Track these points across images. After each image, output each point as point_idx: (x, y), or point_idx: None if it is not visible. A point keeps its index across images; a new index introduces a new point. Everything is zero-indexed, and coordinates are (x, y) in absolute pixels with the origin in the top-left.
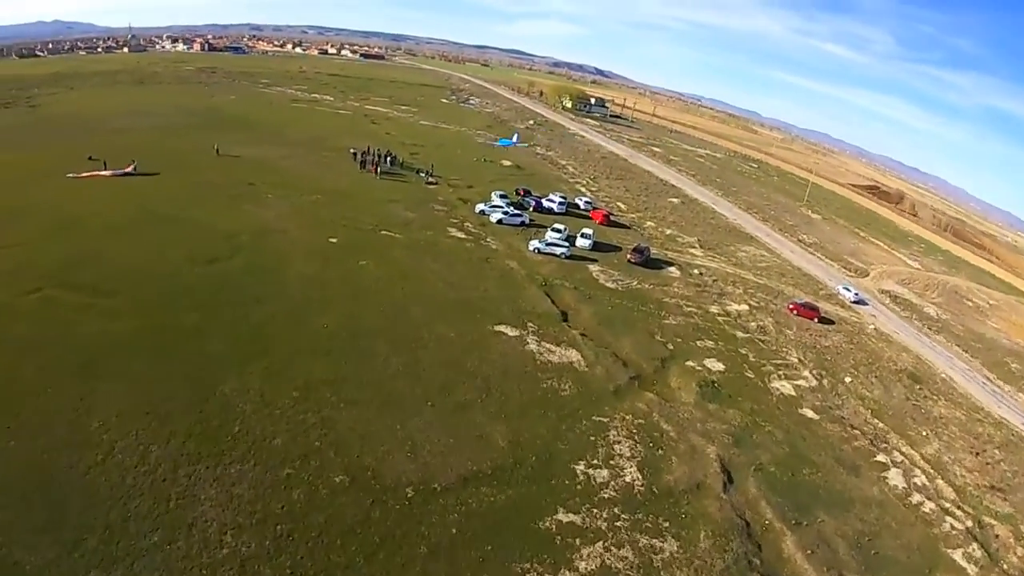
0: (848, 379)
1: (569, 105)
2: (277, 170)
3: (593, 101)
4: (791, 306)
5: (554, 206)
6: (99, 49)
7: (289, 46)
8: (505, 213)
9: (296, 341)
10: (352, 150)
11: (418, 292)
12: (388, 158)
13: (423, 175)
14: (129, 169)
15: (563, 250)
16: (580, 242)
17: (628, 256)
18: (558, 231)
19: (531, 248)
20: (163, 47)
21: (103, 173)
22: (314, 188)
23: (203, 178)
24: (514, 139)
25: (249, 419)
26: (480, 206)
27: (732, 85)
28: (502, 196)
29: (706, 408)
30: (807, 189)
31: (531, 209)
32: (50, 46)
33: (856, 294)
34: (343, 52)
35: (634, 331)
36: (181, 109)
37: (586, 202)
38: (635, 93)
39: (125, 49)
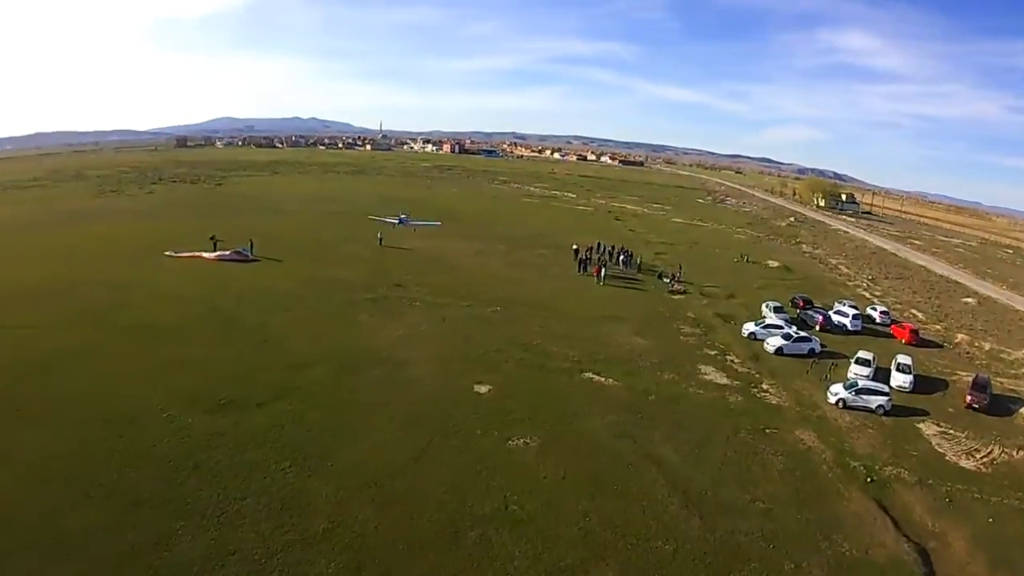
0: None
1: (822, 203)
2: (453, 269)
3: (844, 198)
4: None
5: (847, 322)
6: (339, 145)
7: (548, 152)
8: (787, 337)
9: None
10: (575, 247)
11: (620, 521)
12: (621, 257)
13: (666, 280)
14: (231, 254)
15: (882, 400)
16: (896, 379)
17: (968, 398)
18: (865, 364)
19: (832, 399)
20: (411, 147)
21: (206, 255)
22: (496, 296)
23: (332, 273)
24: (402, 216)
25: None
26: (749, 327)
27: (954, 176)
28: (777, 310)
29: None
30: None
31: (816, 327)
32: (293, 139)
33: None
34: (602, 159)
35: None
36: (378, 198)
37: (882, 312)
38: (870, 193)
39: (368, 147)
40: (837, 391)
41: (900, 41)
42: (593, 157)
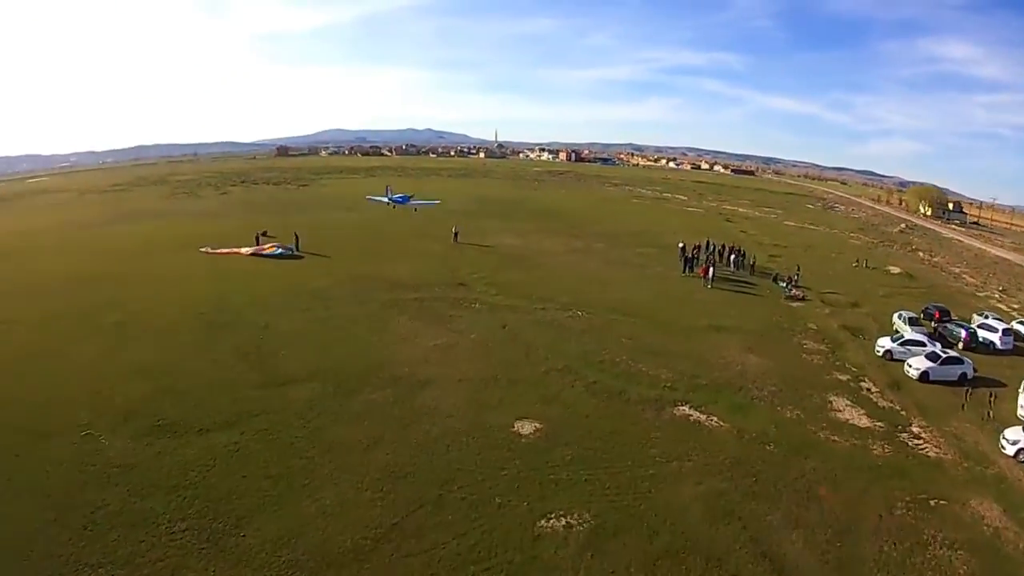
0: None
1: (928, 212)
2: (535, 267)
3: (951, 207)
4: None
5: (995, 339)
6: (451, 153)
7: (663, 161)
8: (933, 358)
9: None
10: (681, 244)
11: None
12: (733, 255)
13: (782, 285)
14: (271, 250)
15: None
16: None
17: None
18: None
19: (1010, 449)
20: (526, 155)
21: (243, 251)
22: (581, 298)
23: (384, 270)
24: (388, 195)
25: None
26: (884, 343)
27: None
28: (912, 321)
29: None
30: None
31: (960, 344)
32: (403, 147)
33: None
34: (715, 168)
35: None
36: (473, 197)
37: None
38: (976, 205)
39: (481, 155)
40: (1016, 438)
41: (1001, 49)
42: (707, 166)
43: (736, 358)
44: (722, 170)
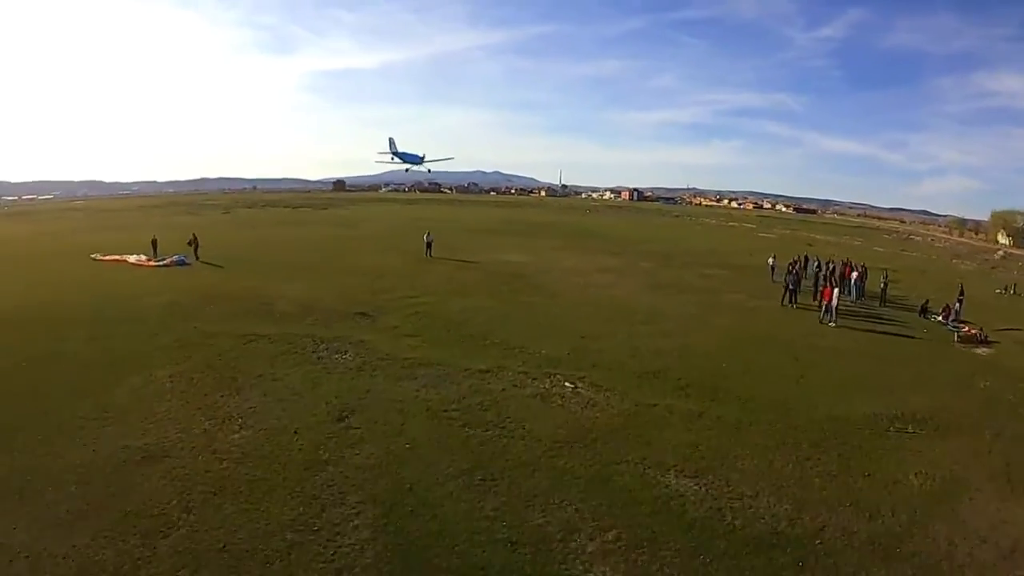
0: None
1: (1008, 240)
2: (528, 289)
3: None
4: None
5: None
6: (512, 191)
7: (725, 201)
8: None
9: None
10: (770, 261)
11: None
12: (854, 277)
13: (938, 319)
14: (156, 261)
15: None
16: None
17: None
18: None
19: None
20: (588, 195)
21: (129, 258)
22: (591, 347)
23: (271, 289)
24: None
25: None
26: None
27: None
28: None
29: None
30: None
31: None
32: (465, 185)
33: None
34: (777, 207)
35: None
36: (503, 219)
37: None
38: None
39: (542, 193)
40: None
41: None
42: (769, 206)
43: (1002, 538)
44: (784, 210)
